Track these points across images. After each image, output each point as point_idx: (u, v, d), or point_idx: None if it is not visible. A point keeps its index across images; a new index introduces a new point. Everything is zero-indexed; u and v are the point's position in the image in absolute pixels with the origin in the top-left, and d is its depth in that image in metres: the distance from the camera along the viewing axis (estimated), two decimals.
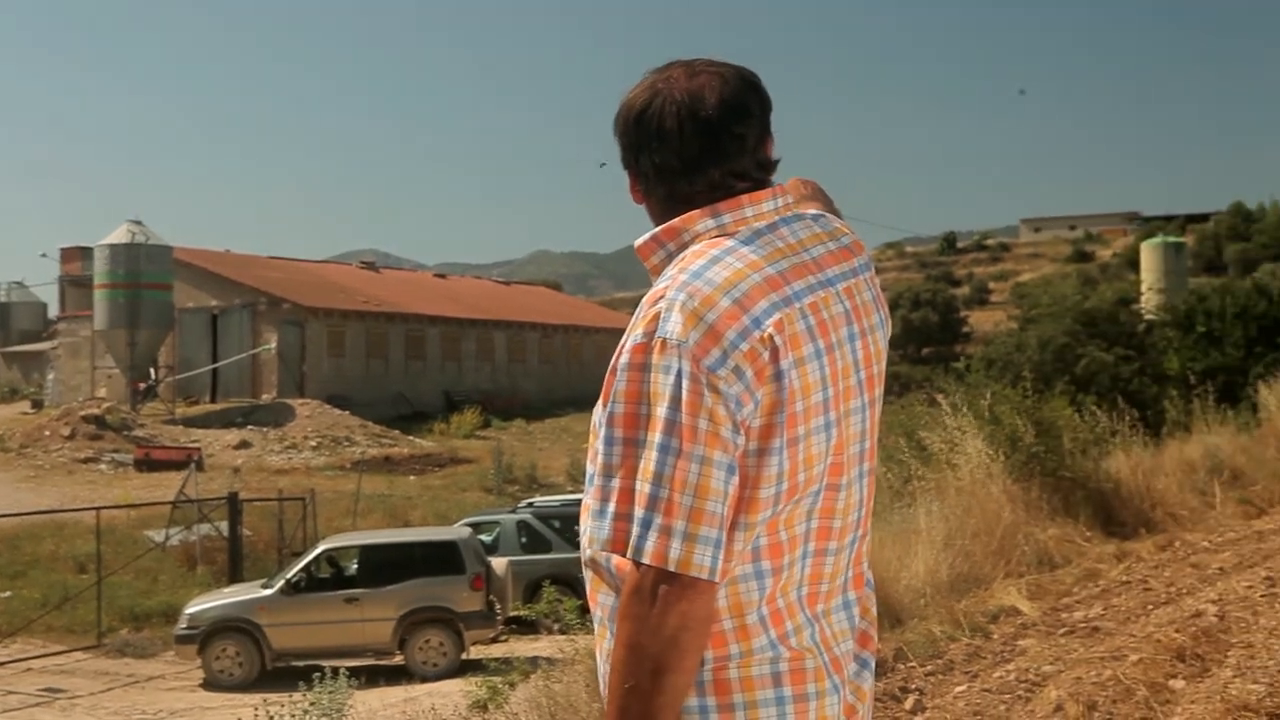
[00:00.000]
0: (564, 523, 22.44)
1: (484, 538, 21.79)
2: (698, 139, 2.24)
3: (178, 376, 52.90)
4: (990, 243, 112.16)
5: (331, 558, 19.96)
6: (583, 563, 2.25)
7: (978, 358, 26.60)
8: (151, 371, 51.26)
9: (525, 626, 18.12)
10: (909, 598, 8.50)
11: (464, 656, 18.35)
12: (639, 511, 2.07)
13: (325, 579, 19.54)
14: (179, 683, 19.28)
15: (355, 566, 19.66)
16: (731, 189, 2.26)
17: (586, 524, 2.21)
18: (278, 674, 17.95)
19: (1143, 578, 9.60)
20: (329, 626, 18.69)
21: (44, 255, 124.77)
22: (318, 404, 49.59)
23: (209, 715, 16.99)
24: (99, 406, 44.83)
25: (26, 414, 50.66)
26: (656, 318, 2.12)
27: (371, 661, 18.34)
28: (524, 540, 22.55)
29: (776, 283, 2.17)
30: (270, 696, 12.55)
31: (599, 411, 2.18)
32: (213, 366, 53.92)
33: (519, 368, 63.49)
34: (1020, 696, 6.41)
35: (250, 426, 46.81)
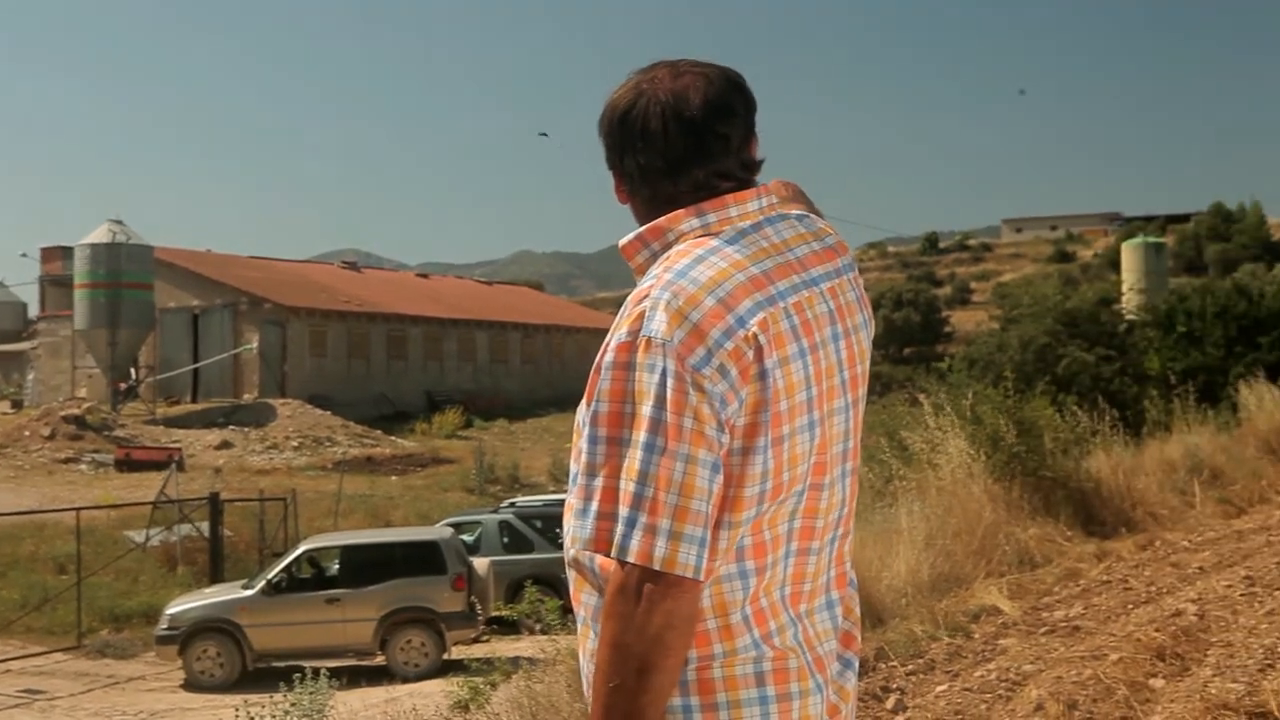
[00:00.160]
0: (546, 523, 22.43)
1: (466, 538, 21.76)
2: (682, 139, 2.24)
3: (159, 376, 52.74)
4: (972, 243, 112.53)
5: (313, 558, 19.91)
6: (566, 562, 2.25)
7: (959, 358, 26.66)
8: (132, 371, 51.10)
9: (507, 627, 18.09)
10: (890, 597, 8.51)
11: (445, 657, 18.31)
12: (624, 510, 2.07)
13: (306, 579, 19.49)
14: (159, 684, 19.22)
15: (336, 567, 19.62)
16: (716, 189, 2.26)
17: (570, 523, 2.20)
18: (259, 675, 17.89)
19: (1123, 577, 9.63)
20: (310, 627, 18.64)
21: (24, 255, 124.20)
22: (299, 404, 49.50)
23: (190, 716, 16.94)
24: (79, 406, 44.69)
25: (6, 414, 50.51)
26: (641, 316, 2.12)
27: (353, 662, 18.29)
28: (506, 540, 22.52)
29: (761, 282, 2.18)
30: (251, 697, 12.52)
31: (583, 410, 2.18)
32: (194, 366, 53.77)
33: (501, 368, 63.45)
34: (1001, 696, 6.43)
35: (231, 427, 46.70)
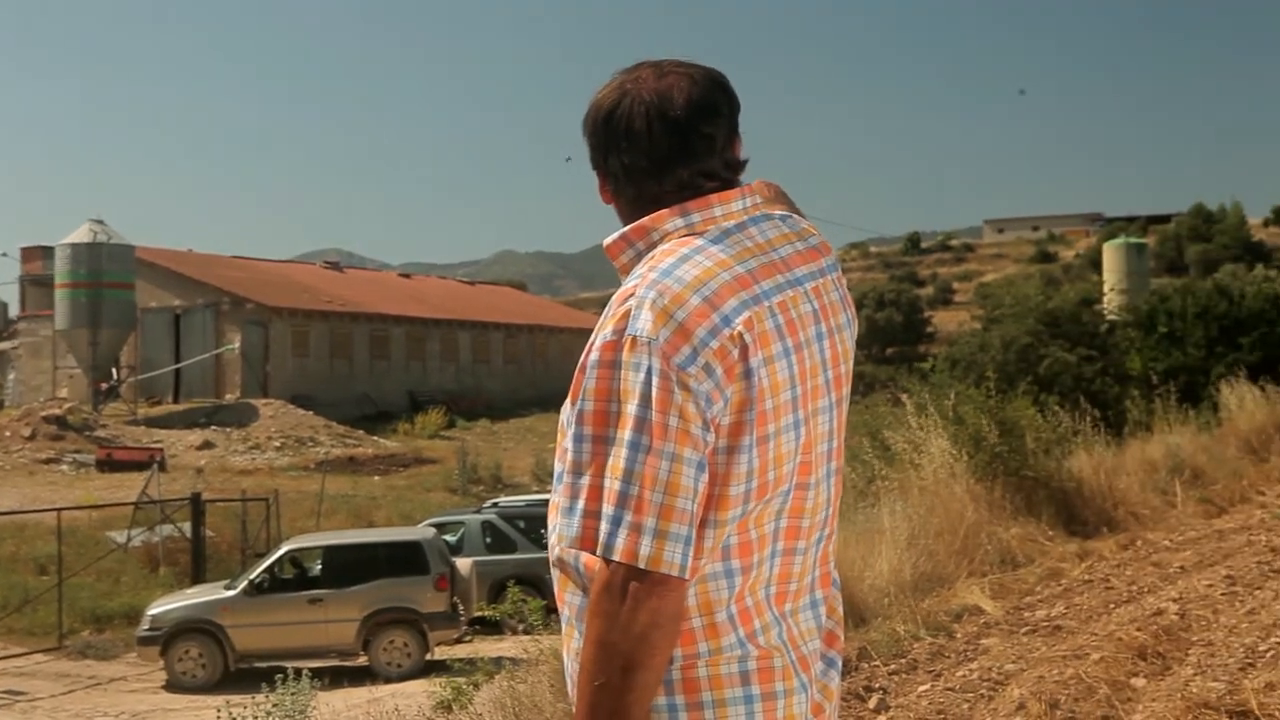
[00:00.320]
0: (529, 523, 22.41)
1: (448, 538, 21.74)
2: (666, 139, 2.24)
3: (140, 377, 52.57)
4: (954, 243, 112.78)
5: (295, 558, 19.87)
6: (550, 562, 2.25)
7: (942, 358, 26.68)
8: (113, 371, 50.89)
9: (490, 627, 18.05)
10: (873, 597, 8.52)
11: (428, 657, 18.29)
12: (609, 509, 2.07)
13: (289, 580, 19.45)
14: (141, 684, 19.16)
15: (319, 567, 19.58)
16: (700, 189, 2.27)
17: (555, 522, 2.21)
18: (241, 675, 17.85)
19: (1104, 576, 9.66)
20: (292, 627, 18.60)
21: (4, 254, 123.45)
22: (281, 404, 49.39)
23: (171, 717, 16.90)
24: (60, 407, 44.51)
25: None
26: (627, 315, 2.12)
27: (335, 662, 18.26)
28: (489, 540, 22.50)
29: (746, 281, 2.18)
30: (233, 698, 12.47)
31: (568, 409, 2.18)
32: (175, 367, 53.61)
33: (484, 368, 63.39)
34: (983, 695, 6.44)
35: (213, 427, 46.57)
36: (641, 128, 2.24)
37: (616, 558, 2.05)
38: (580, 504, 2.12)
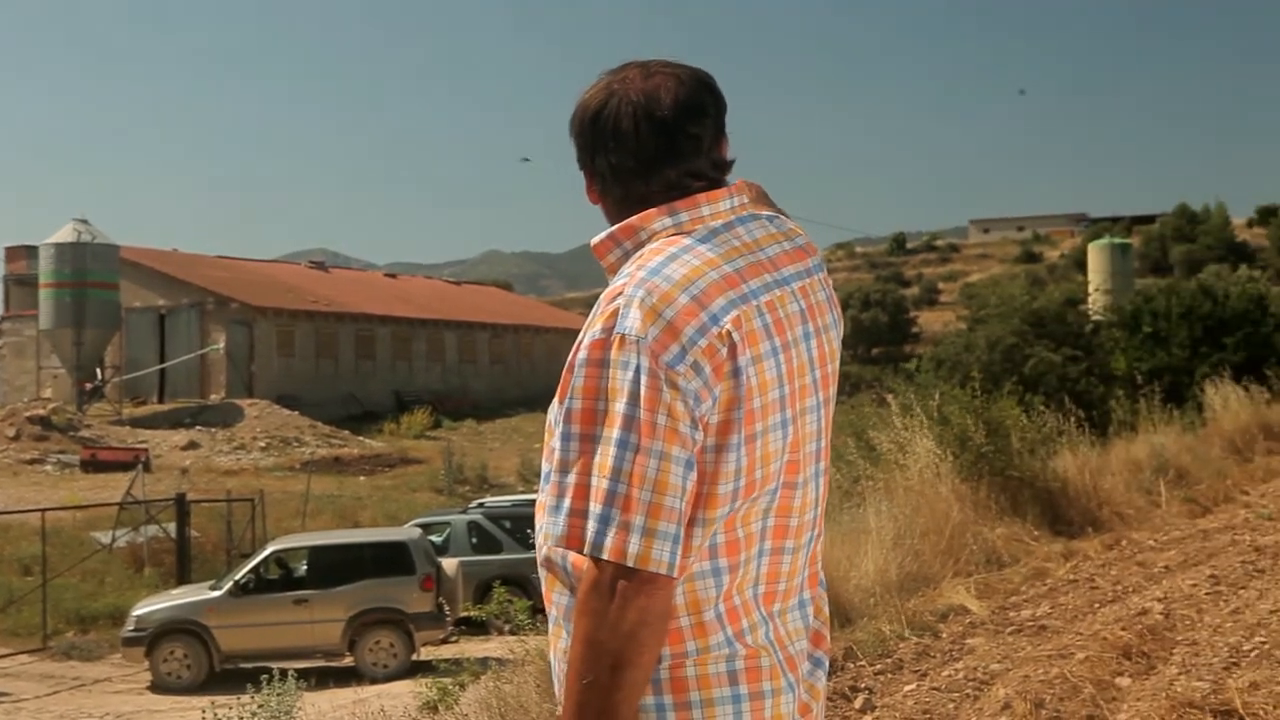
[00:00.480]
0: (515, 523, 22.38)
1: (434, 538, 21.71)
2: (654, 139, 2.24)
3: (125, 377, 52.43)
4: (939, 244, 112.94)
5: (280, 559, 19.83)
6: (538, 561, 2.25)
7: (927, 358, 26.69)
8: (98, 372, 50.76)
9: (476, 627, 18.05)
10: (859, 597, 8.53)
11: (414, 658, 18.27)
12: (597, 507, 2.07)
13: (274, 580, 19.41)
14: (126, 685, 19.11)
15: (304, 568, 19.54)
16: (687, 189, 2.27)
17: (542, 521, 2.20)
18: (226, 676, 17.81)
19: (1089, 576, 9.68)
20: (278, 628, 18.56)
21: None
22: (266, 404, 49.31)
23: (157, 718, 16.85)
24: (44, 407, 44.39)
25: None
26: (615, 314, 2.12)
27: (321, 663, 18.21)
28: (474, 541, 22.48)
29: (734, 280, 2.18)
30: (218, 699, 12.44)
31: (555, 408, 2.18)
32: (160, 367, 53.48)
33: (470, 368, 63.36)
34: (969, 695, 6.45)
35: (198, 427, 46.48)
36: (629, 128, 2.25)
37: (605, 556, 2.05)
38: (568, 502, 2.11)
